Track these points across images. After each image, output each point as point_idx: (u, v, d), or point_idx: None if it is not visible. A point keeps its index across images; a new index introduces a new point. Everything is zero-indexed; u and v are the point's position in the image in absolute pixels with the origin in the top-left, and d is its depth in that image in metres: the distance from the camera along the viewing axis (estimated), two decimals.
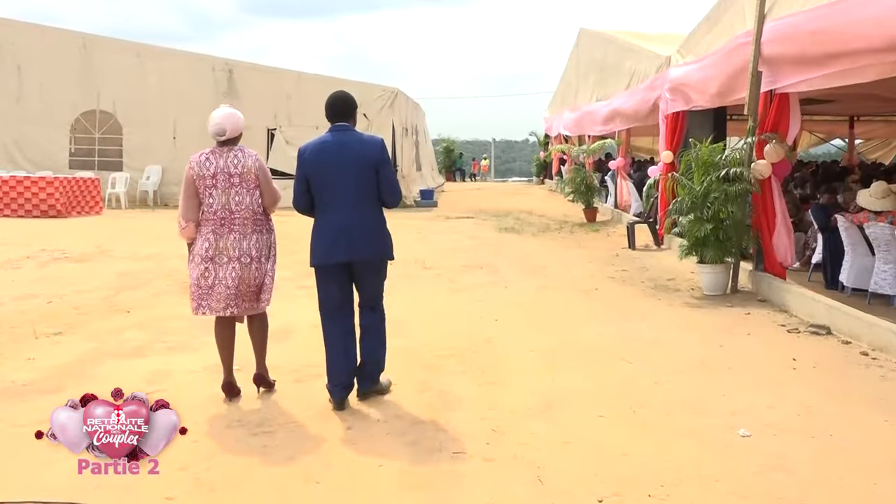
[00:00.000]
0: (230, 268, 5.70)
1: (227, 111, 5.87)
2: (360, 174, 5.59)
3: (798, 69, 8.79)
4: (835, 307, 8.16)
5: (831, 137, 30.17)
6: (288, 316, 8.26)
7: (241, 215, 5.72)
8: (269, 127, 22.82)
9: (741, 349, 7.40)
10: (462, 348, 7.32)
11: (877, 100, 16.49)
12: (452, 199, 27.28)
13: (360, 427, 5.32)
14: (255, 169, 5.78)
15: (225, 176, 5.70)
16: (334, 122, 5.83)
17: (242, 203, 5.73)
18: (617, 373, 6.60)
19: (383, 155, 5.69)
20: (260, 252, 5.79)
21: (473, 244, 15.09)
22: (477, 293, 10.10)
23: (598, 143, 20.63)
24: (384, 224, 5.75)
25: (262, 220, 5.85)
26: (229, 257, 5.70)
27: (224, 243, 5.70)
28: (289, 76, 23.46)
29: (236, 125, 5.81)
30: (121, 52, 23.37)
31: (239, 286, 5.72)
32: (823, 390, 6.11)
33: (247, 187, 5.74)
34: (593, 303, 9.61)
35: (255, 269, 5.76)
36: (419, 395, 6.01)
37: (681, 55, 13.83)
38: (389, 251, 5.83)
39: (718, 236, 9.93)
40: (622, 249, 14.39)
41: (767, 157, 9.62)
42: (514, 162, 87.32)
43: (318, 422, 5.42)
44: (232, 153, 5.76)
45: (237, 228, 5.72)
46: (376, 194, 5.66)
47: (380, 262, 5.79)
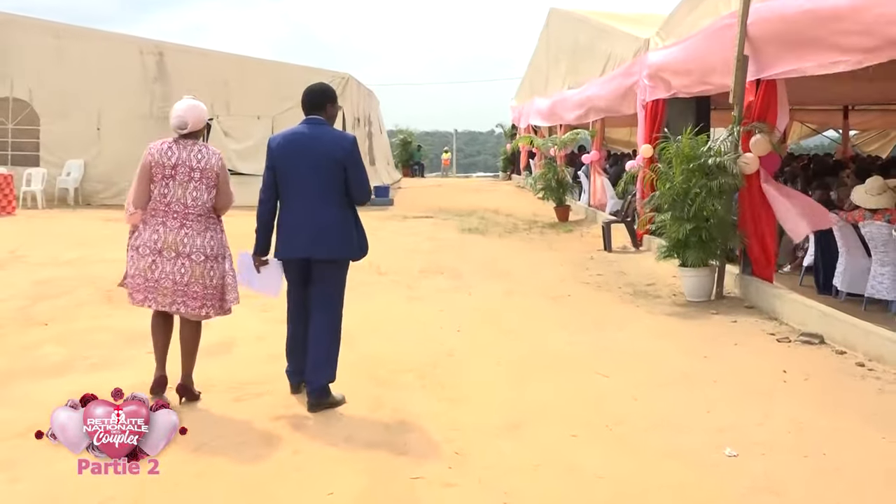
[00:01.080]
0: (179, 263, 5.95)
1: (190, 103, 6.13)
2: (327, 170, 5.93)
3: (787, 54, 8.89)
4: (828, 314, 8.27)
5: (824, 128, 30.53)
6: (229, 327, 8.18)
7: (196, 211, 6.00)
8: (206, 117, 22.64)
9: (727, 360, 7.47)
10: (421, 362, 7.30)
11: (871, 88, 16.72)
12: (410, 196, 27.25)
13: (307, 451, 5.29)
14: (217, 168, 6.08)
15: (186, 169, 5.99)
16: (308, 114, 6.16)
17: (200, 199, 6.01)
18: (592, 387, 6.63)
19: (354, 153, 6.01)
20: (215, 251, 6.06)
21: (433, 246, 15.08)
22: (437, 301, 10.10)
23: (569, 134, 20.72)
24: (351, 223, 6.05)
25: (213, 218, 6.13)
26: (178, 253, 5.95)
27: (174, 238, 5.95)
28: (227, 60, 23.30)
29: (199, 118, 6.11)
30: (37, 33, 23.01)
31: (189, 284, 5.97)
32: (816, 405, 6.19)
33: (206, 184, 6.03)
34: (565, 310, 9.65)
35: (211, 269, 6.02)
36: (373, 414, 5.99)
37: (660, 38, 13.95)
38: (352, 252, 6.07)
39: (701, 237, 9.97)
40: (597, 252, 14.47)
41: (754, 150, 9.71)
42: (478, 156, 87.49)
43: (260, 445, 5.38)
44: (196, 147, 6.07)
45: (190, 224, 5.99)
46: (343, 191, 5.97)
47: (340, 262, 6.08)
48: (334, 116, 6.28)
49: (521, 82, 34.97)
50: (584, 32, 21.01)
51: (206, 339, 6.53)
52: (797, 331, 8.41)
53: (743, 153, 9.85)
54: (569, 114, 21.87)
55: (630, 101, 15.59)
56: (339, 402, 6.16)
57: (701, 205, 9.97)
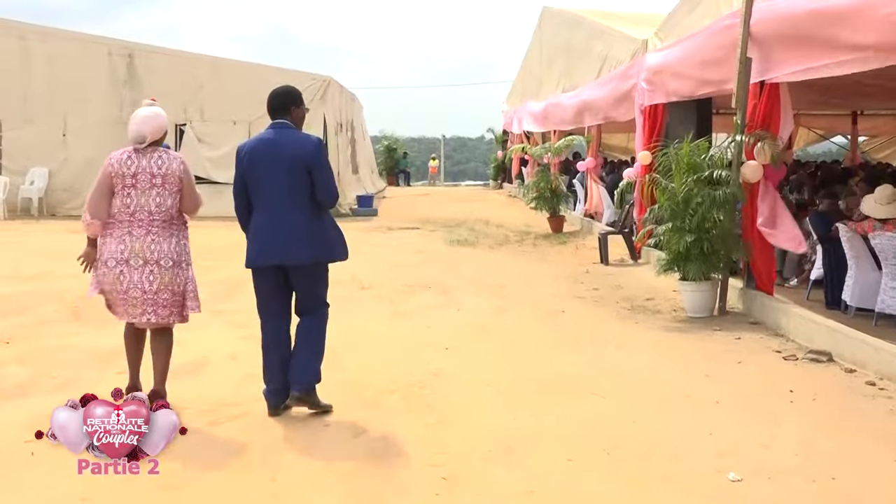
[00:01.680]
0: (147, 271, 6.18)
1: (146, 113, 6.36)
2: (293, 174, 6.19)
3: (793, 55, 8.93)
4: (837, 330, 8.30)
5: (831, 134, 30.60)
6: (201, 345, 8.17)
7: (160, 217, 6.24)
8: (178, 122, 22.58)
9: (731, 379, 7.48)
10: (406, 382, 7.29)
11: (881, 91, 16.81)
12: (395, 206, 27.27)
13: (285, 479, 5.26)
14: (179, 172, 6.31)
15: (147, 176, 6.23)
16: (273, 118, 6.45)
17: (164, 205, 6.25)
18: (588, 409, 6.63)
19: (318, 155, 6.28)
20: (180, 257, 6.30)
21: (420, 259, 15.08)
22: (424, 317, 10.09)
23: (564, 140, 20.77)
24: (323, 226, 6.31)
25: (178, 224, 6.36)
26: (145, 260, 6.17)
27: (140, 245, 6.18)
28: (201, 62, 23.30)
29: (157, 127, 6.34)
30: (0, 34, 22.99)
31: (158, 292, 6.21)
32: (825, 426, 6.20)
33: (169, 190, 6.27)
34: (560, 327, 9.66)
35: (177, 275, 6.27)
36: (356, 438, 5.97)
37: (659, 38, 14.01)
38: (326, 254, 6.35)
39: (703, 249, 9.99)
40: (593, 265, 14.50)
41: (759, 158, 9.74)
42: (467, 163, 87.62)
43: (236, 473, 5.36)
44: (156, 154, 6.30)
45: (156, 231, 6.22)
46: (309, 196, 6.23)
47: (314, 266, 6.33)
48: (301, 118, 6.53)
49: (513, 85, 35.04)
50: (579, 33, 21.08)
51: (178, 359, 6.53)
52: (804, 348, 8.44)
53: (746, 161, 9.87)
54: (563, 118, 21.92)
55: (627, 105, 15.64)
56: (325, 407, 6.40)
57: (703, 215, 10.00)
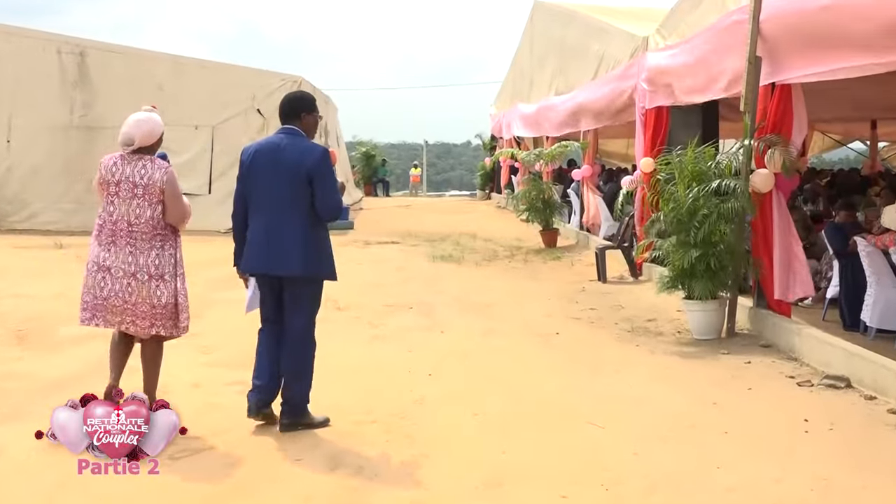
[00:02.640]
0: (126, 283, 6.54)
1: (139, 117, 6.69)
2: (292, 183, 6.54)
3: (807, 55, 8.97)
4: (856, 353, 8.32)
5: (849, 140, 30.77)
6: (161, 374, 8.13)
7: (140, 229, 6.57)
8: None
9: (740, 408, 7.50)
10: (386, 412, 7.29)
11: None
12: (373, 218, 27.25)
13: None
14: (161, 183, 6.59)
15: (129, 186, 6.57)
16: (283, 124, 6.81)
17: (143, 216, 6.58)
18: (584, 440, 6.63)
19: (321, 165, 6.58)
20: (162, 270, 6.60)
21: (401, 277, 15.07)
22: (405, 341, 10.09)
23: (557, 146, 20.80)
24: (318, 240, 6.65)
25: (163, 235, 6.65)
26: (125, 272, 6.54)
27: (123, 257, 6.55)
28: (161, 61, 23.21)
29: (149, 133, 6.66)
30: None
31: (137, 304, 6.54)
32: (843, 459, 6.22)
33: (149, 201, 6.57)
34: (554, 351, 9.67)
35: (157, 289, 6.57)
36: (330, 473, 5.97)
37: (661, 36, 14.07)
38: (317, 270, 6.69)
39: (709, 265, 10.01)
40: (590, 282, 14.52)
41: (770, 166, 9.77)
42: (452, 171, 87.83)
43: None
44: (141, 162, 6.62)
45: (134, 243, 6.56)
46: (309, 206, 6.57)
47: (307, 280, 6.67)
48: (313, 126, 6.88)
49: (502, 87, 35.13)
50: (574, 29, 21.16)
51: (132, 388, 6.50)
52: (820, 373, 8.46)
53: (757, 170, 9.91)
54: (556, 123, 21.98)
55: (627, 108, 15.70)
56: (320, 423, 6.79)
57: (710, 228, 10.01)
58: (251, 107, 21.95)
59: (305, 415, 6.80)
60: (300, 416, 6.76)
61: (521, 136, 28.18)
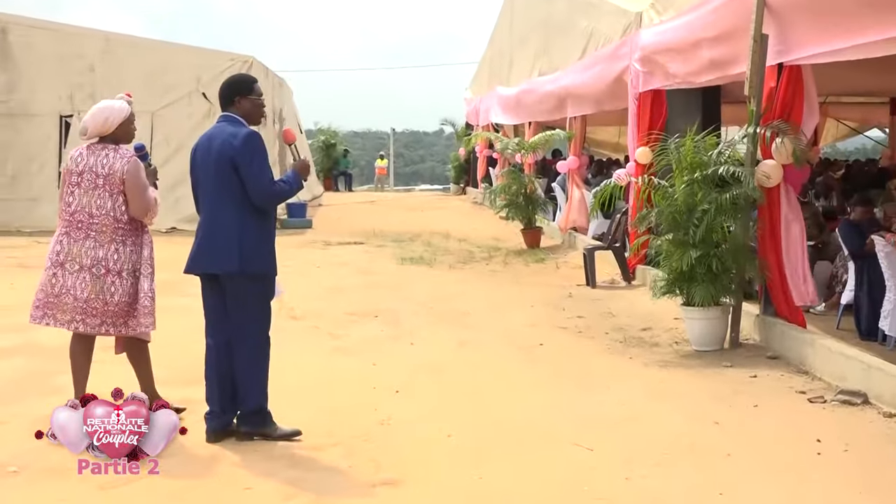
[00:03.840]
0: (80, 277, 6.96)
1: (100, 105, 7.21)
2: (219, 173, 6.85)
3: (819, 31, 9.01)
4: (874, 366, 8.35)
5: (866, 127, 30.90)
6: (90, 390, 8.08)
7: (100, 220, 7.01)
8: (63, 113, 22.45)
9: (745, 427, 7.53)
10: (348, 434, 7.28)
11: None
12: (334, 216, 27.21)
13: None
14: (122, 172, 7.03)
15: (91, 175, 7.03)
16: (222, 111, 7.15)
17: (104, 207, 7.02)
18: (571, 464, 6.65)
19: (244, 150, 6.82)
20: (120, 266, 7.02)
21: (365, 282, 15.06)
22: (370, 353, 10.08)
23: (541, 135, 20.81)
24: (255, 232, 6.86)
25: (126, 229, 7.09)
26: (81, 265, 6.96)
27: (78, 249, 6.98)
28: (92, 39, 23.12)
29: (103, 121, 7.11)
30: None
31: (89, 300, 6.96)
32: (859, 483, 6.25)
33: (109, 191, 7.02)
34: (537, 365, 9.68)
35: (112, 285, 6.99)
36: (286, 503, 5.96)
37: (656, 11, 14.11)
38: (255, 266, 6.86)
39: (711, 267, 10.00)
40: (577, 287, 14.56)
41: (777, 157, 9.80)
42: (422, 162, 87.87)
43: None
44: (104, 151, 7.09)
45: (94, 235, 6.99)
46: (243, 196, 6.82)
47: (245, 279, 6.86)
48: (251, 111, 7.10)
49: (479, 68, 35.19)
50: (559, 3, 21.18)
51: (53, 404, 6.49)
52: (834, 388, 8.50)
53: (763, 160, 9.94)
54: (539, 108, 22.00)
55: (618, 92, 15.71)
56: (284, 435, 7.00)
57: (710, 225, 10.00)
58: (195, 90, 21.90)
59: (265, 424, 7.01)
60: (258, 424, 6.99)
61: (500, 123, 28.15)
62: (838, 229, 11.26)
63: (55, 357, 8.36)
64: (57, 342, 8.15)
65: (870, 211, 11.84)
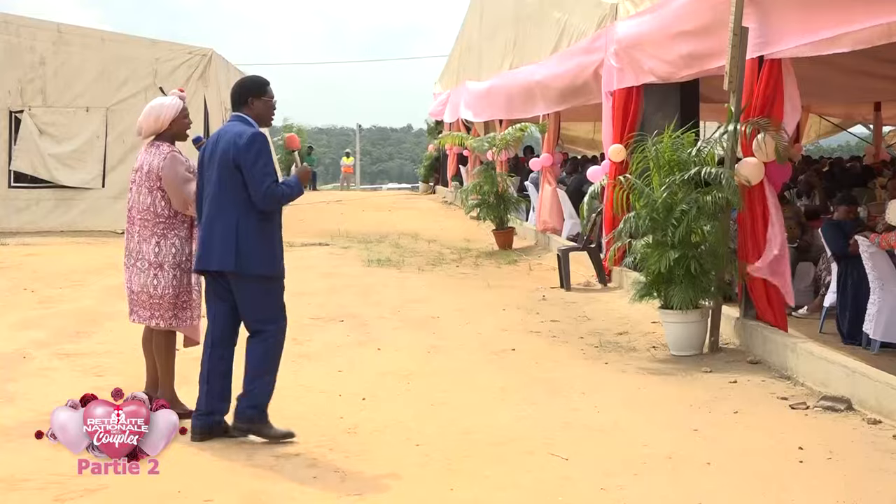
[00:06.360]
0: (133, 271, 7.69)
1: (151, 104, 7.82)
2: (222, 172, 7.17)
3: (803, 22, 9.04)
4: (857, 371, 8.40)
5: (850, 123, 31.04)
6: (42, 400, 8.04)
7: (142, 216, 7.66)
8: (13, 108, 22.29)
9: (724, 435, 7.56)
10: (313, 443, 7.29)
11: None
12: (297, 216, 27.06)
13: None
14: (157, 168, 7.61)
15: (140, 174, 7.69)
16: (233, 111, 7.54)
17: (144, 203, 7.66)
18: (545, 474, 6.66)
19: (250, 150, 7.13)
20: (162, 258, 7.63)
21: (330, 285, 15.03)
22: (335, 359, 10.07)
23: (512, 128, 20.75)
24: (255, 233, 7.19)
25: (168, 224, 7.69)
26: (134, 259, 7.68)
27: (132, 244, 7.70)
28: (43, 31, 22.93)
29: (154, 119, 7.70)
30: None
31: (138, 292, 7.66)
32: (843, 492, 6.29)
33: (149, 187, 7.64)
34: (509, 371, 9.69)
35: (155, 277, 7.61)
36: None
37: (632, 3, 14.15)
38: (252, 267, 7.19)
39: (689, 269, 10.02)
40: (551, 290, 14.57)
41: (758, 154, 9.83)
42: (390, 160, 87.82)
43: None
44: (151, 149, 7.73)
45: (138, 230, 7.67)
46: (245, 197, 7.14)
47: (244, 277, 7.21)
48: (264, 112, 7.50)
49: (448, 62, 35.17)
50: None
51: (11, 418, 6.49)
52: (817, 393, 8.55)
53: (744, 159, 9.95)
54: (511, 104, 21.99)
55: (593, 87, 15.74)
56: (277, 435, 7.25)
57: (689, 226, 10.04)
58: (152, 84, 21.74)
59: (262, 422, 7.27)
60: (256, 422, 7.25)
61: (470, 119, 28.12)
62: (821, 230, 11.29)
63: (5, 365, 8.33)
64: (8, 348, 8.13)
65: (853, 210, 11.86)
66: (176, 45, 22.76)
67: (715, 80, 10.85)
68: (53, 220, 21.44)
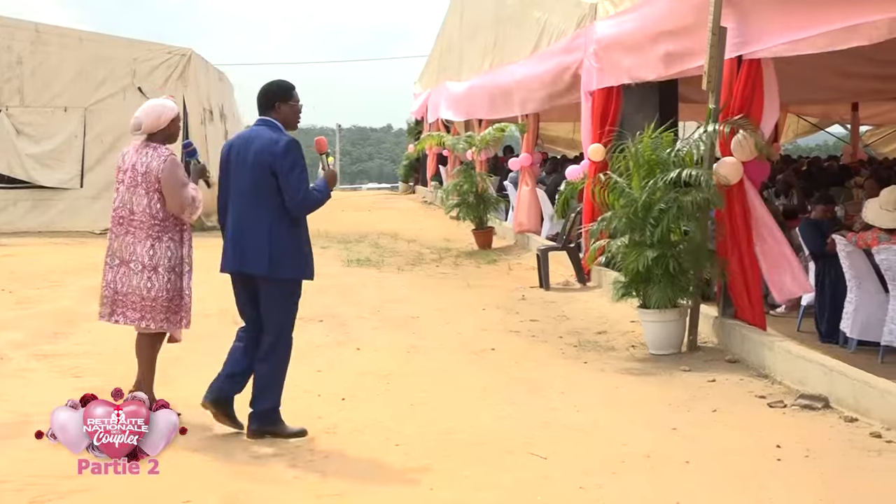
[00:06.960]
0: (120, 271, 7.63)
1: (151, 102, 7.86)
2: (256, 177, 7.28)
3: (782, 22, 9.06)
4: (835, 369, 8.43)
5: (827, 123, 31.09)
6: (21, 401, 8.03)
7: (138, 218, 7.60)
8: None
9: (703, 433, 7.59)
10: (291, 443, 7.29)
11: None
12: None
13: None
14: (157, 170, 7.57)
15: (133, 174, 7.62)
16: (259, 115, 7.60)
17: (141, 205, 7.60)
18: (524, 473, 6.67)
19: (287, 157, 7.29)
20: (156, 261, 7.60)
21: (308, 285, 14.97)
22: (313, 359, 10.05)
23: (492, 128, 20.74)
24: (287, 237, 7.35)
25: (164, 226, 7.65)
26: (122, 260, 7.63)
27: (119, 244, 7.64)
28: (20, 30, 22.84)
29: (157, 118, 7.69)
30: None
31: (127, 294, 7.59)
32: (820, 490, 6.32)
33: (146, 189, 7.58)
34: (489, 371, 9.70)
35: (148, 280, 7.57)
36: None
37: (612, 4, 14.16)
38: (283, 271, 7.36)
39: (668, 268, 10.04)
40: (530, 289, 14.58)
41: (737, 154, 9.86)
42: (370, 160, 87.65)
43: None
44: (146, 150, 7.66)
45: (132, 231, 7.60)
46: (278, 201, 7.28)
47: (274, 281, 7.38)
48: (291, 116, 7.61)
49: (428, 62, 35.14)
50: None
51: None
52: (794, 392, 8.58)
53: (722, 158, 9.98)
54: (491, 104, 21.98)
55: (572, 87, 15.74)
56: (292, 433, 7.36)
57: (668, 226, 10.07)
58: (130, 84, 21.70)
59: (275, 422, 7.37)
60: (268, 423, 7.34)
61: (450, 119, 28.11)
62: (798, 228, 11.32)
63: None
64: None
65: (831, 210, 11.91)
66: (155, 45, 22.69)
67: (694, 80, 10.91)
68: (31, 221, 21.32)
